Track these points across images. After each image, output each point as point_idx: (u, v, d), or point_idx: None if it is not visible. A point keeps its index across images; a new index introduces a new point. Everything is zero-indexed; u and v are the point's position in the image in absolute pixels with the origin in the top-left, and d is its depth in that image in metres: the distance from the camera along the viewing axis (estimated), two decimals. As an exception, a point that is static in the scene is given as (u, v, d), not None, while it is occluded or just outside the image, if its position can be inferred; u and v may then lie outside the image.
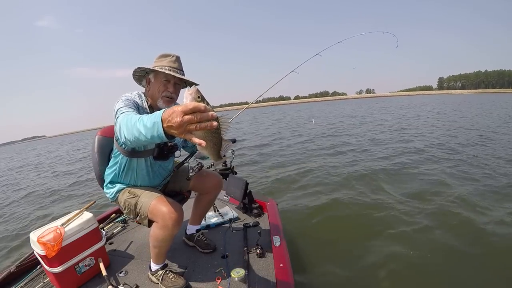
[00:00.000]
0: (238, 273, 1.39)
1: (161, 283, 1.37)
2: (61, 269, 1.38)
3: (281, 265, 1.39)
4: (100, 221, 2.10)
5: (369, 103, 41.02)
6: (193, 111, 0.69)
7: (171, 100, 1.36)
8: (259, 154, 6.97)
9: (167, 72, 1.29)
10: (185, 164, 1.72)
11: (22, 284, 1.52)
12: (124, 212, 1.46)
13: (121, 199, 1.45)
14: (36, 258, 1.51)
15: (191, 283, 1.40)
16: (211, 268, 1.51)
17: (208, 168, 2.61)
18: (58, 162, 11.78)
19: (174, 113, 0.71)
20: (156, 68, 1.31)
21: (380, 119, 14.23)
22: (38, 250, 1.37)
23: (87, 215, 1.57)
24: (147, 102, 1.36)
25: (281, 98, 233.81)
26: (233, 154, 2.58)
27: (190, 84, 1.39)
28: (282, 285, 1.27)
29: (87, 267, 1.50)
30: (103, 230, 2.04)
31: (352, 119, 15.24)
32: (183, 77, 1.33)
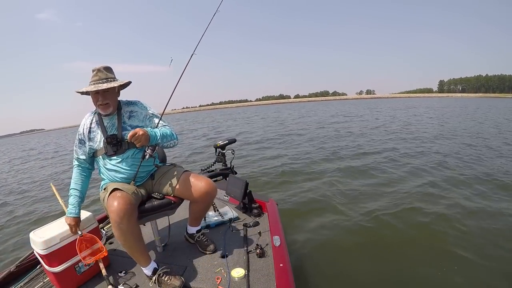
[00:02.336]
0: (238, 273, 1.39)
1: (159, 286, 1.38)
2: (61, 268, 1.38)
3: (281, 265, 1.39)
4: (100, 221, 2.10)
5: (368, 103, 41.06)
6: None
7: (106, 106, 1.48)
8: (257, 154, 6.97)
9: (84, 90, 1.45)
10: (165, 165, 1.72)
11: (22, 284, 1.52)
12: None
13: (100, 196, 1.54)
14: (36, 258, 1.51)
15: (190, 283, 1.39)
16: (211, 268, 1.50)
17: (203, 171, 2.58)
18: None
19: None
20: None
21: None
22: (38, 250, 1.37)
23: (87, 214, 1.57)
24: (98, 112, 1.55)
25: (281, 96, 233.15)
26: (233, 154, 2.59)
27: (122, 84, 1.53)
28: (282, 285, 1.27)
29: (87, 267, 1.49)
30: (103, 230, 2.03)
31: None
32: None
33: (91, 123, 1.55)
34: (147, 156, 1.46)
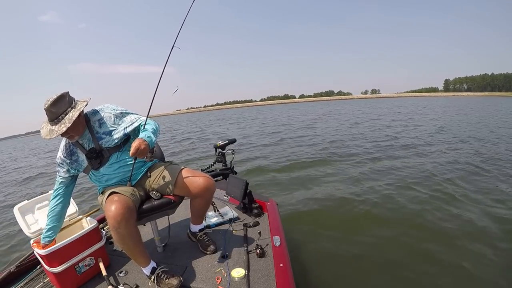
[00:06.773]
0: (238, 273, 1.38)
1: (158, 286, 1.37)
2: (61, 269, 1.38)
3: (281, 265, 1.38)
4: (100, 221, 2.10)
5: (371, 103, 40.86)
6: None
7: (71, 138, 1.41)
8: (257, 154, 6.95)
9: (41, 134, 1.34)
10: (157, 162, 1.69)
11: (22, 284, 1.52)
12: None
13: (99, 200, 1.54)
14: (36, 258, 1.52)
15: (190, 283, 1.39)
16: (211, 268, 1.50)
17: (203, 172, 2.57)
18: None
19: None
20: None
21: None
22: (38, 250, 1.38)
23: (88, 217, 1.58)
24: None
25: (286, 96, 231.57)
26: (233, 154, 2.58)
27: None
28: (282, 285, 1.26)
29: (87, 267, 1.50)
30: (103, 230, 2.04)
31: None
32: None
33: (67, 147, 1.50)
34: (148, 160, 1.48)
